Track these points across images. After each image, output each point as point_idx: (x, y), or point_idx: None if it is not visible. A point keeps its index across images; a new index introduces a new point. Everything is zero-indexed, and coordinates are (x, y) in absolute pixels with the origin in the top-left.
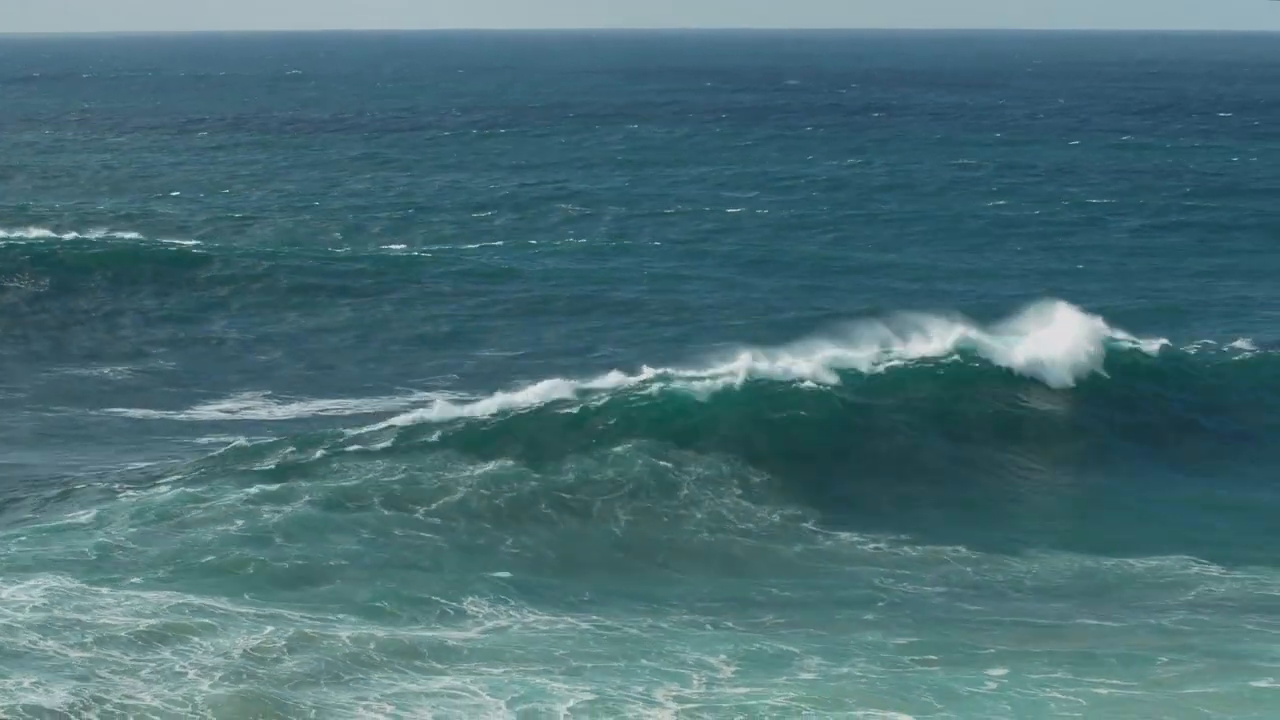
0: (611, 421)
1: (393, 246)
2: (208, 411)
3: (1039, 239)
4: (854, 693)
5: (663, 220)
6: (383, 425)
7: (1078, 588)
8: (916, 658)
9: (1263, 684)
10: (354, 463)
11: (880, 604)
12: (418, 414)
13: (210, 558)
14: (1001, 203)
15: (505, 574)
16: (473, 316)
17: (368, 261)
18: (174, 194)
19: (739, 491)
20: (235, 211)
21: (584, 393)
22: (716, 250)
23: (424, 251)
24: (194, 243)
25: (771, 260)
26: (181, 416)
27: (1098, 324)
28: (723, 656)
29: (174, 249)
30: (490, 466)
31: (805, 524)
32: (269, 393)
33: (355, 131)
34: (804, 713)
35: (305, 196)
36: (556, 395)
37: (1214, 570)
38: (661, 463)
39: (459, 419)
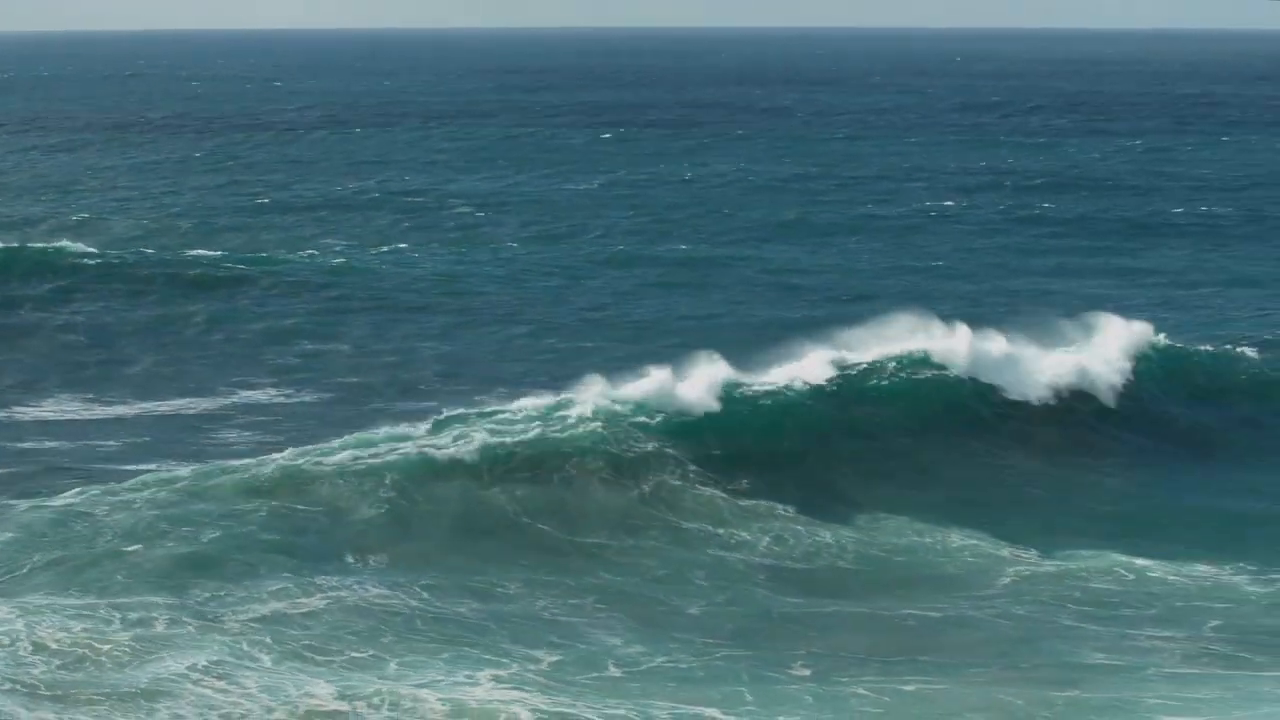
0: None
1: (233, 247)
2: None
3: (886, 235)
4: (665, 683)
5: (507, 219)
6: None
7: (898, 583)
8: (731, 651)
9: (1073, 693)
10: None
11: (705, 600)
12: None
13: None
14: (843, 199)
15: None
16: (316, 315)
17: (205, 263)
18: (10, 194)
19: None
20: (75, 212)
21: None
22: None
23: (268, 253)
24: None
25: (637, 259)
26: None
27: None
28: (546, 646)
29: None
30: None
31: (642, 518)
32: (91, 395)
33: (194, 131)
34: (614, 702)
35: (144, 196)
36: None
37: (1031, 565)
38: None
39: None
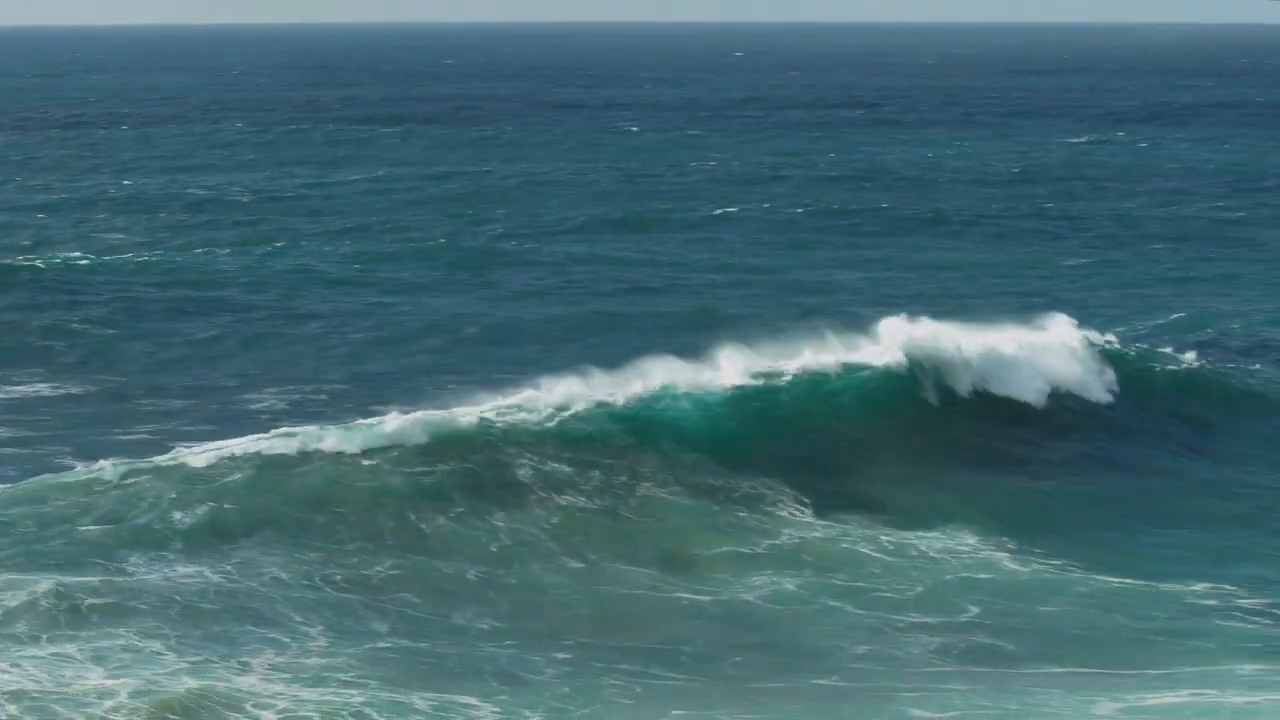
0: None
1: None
2: None
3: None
4: (421, 672)
5: (296, 216)
6: None
7: (674, 565)
8: (494, 641)
9: (825, 681)
10: None
11: (483, 590)
12: None
13: None
14: (631, 193)
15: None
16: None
17: None
18: None
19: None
20: None
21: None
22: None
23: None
24: None
25: (430, 253)
26: None
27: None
28: (320, 627)
29: None
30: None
31: (431, 509)
32: None
33: None
34: (370, 687)
35: None
36: None
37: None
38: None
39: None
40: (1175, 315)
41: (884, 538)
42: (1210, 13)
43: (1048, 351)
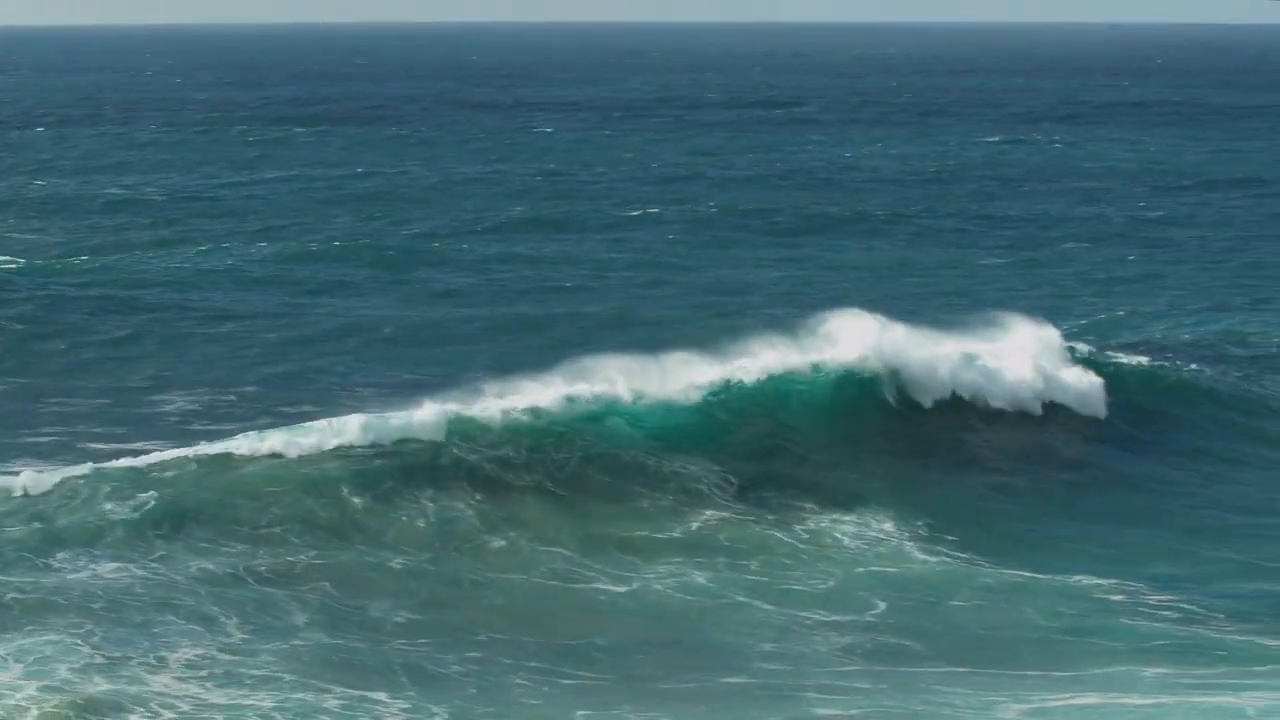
0: None
1: None
2: None
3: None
4: (334, 666)
5: (213, 217)
6: None
7: (587, 567)
8: (407, 636)
9: (733, 680)
10: None
11: (405, 580)
12: None
13: None
14: (549, 193)
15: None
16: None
17: None
18: None
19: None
20: None
21: None
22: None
23: None
24: None
25: (378, 260)
26: None
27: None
28: (237, 620)
29: None
30: None
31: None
32: None
33: None
34: (283, 685)
35: None
36: None
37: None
38: None
39: None
40: (1098, 316)
41: (799, 526)
42: (1210, 13)
43: (982, 347)
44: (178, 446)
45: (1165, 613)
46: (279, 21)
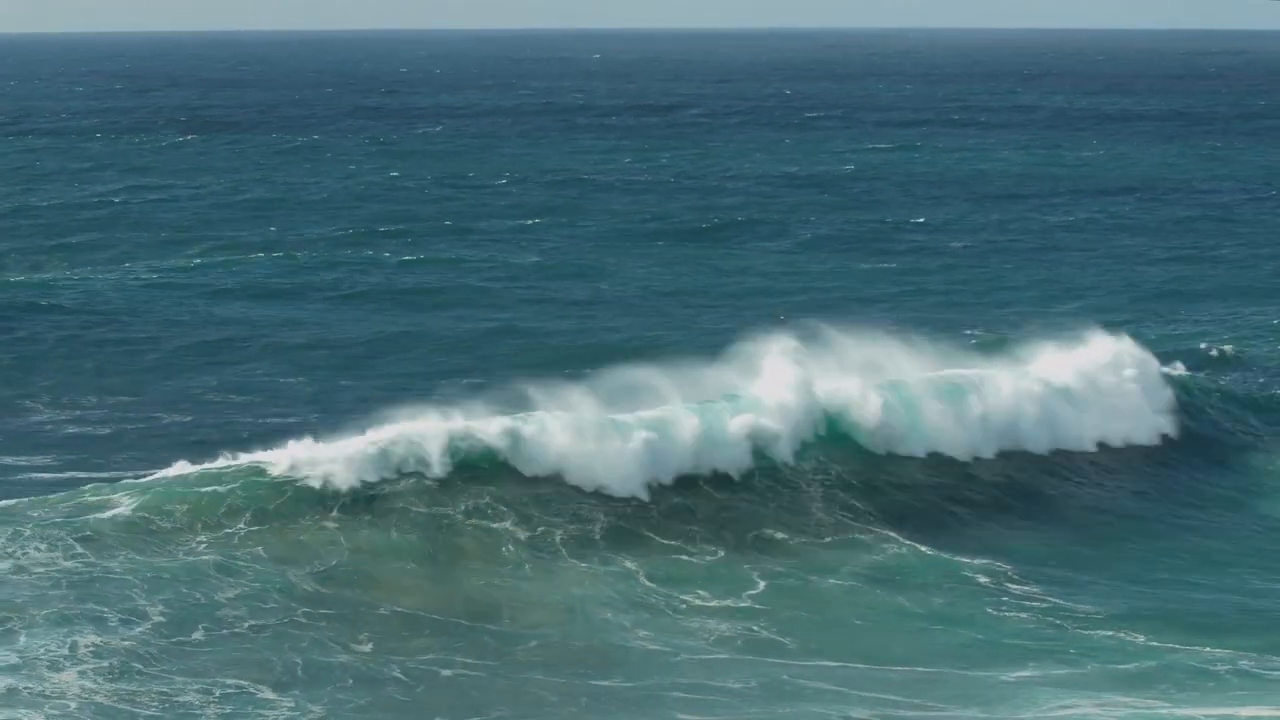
0: None
1: None
2: None
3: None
4: (228, 660)
5: (116, 231)
6: None
7: (470, 554)
8: (301, 631)
9: (609, 683)
10: None
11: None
12: None
13: None
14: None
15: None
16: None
17: None
18: None
19: None
20: None
21: None
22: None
23: None
24: None
25: (274, 269)
26: None
27: None
28: (160, 607)
29: None
30: None
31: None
32: None
33: None
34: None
35: None
36: None
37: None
38: None
39: None
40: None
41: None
42: (1211, 16)
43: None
44: None
45: (1030, 602)
46: (174, 30)
